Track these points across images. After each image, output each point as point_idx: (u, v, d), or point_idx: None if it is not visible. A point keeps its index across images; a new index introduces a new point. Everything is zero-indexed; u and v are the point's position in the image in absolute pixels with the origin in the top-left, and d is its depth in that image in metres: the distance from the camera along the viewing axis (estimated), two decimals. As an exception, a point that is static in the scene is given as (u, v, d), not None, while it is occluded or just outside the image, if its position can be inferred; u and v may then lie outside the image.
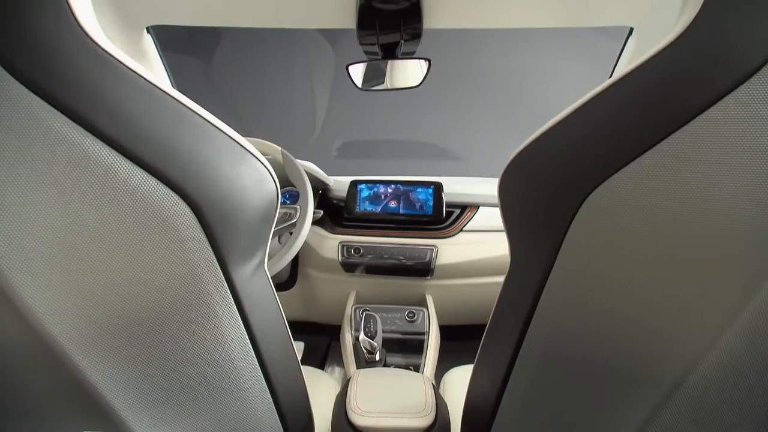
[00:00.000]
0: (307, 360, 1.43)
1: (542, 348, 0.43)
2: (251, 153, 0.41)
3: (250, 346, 0.44)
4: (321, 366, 1.44)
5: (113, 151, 0.33)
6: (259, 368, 0.46)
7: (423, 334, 1.04)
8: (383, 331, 1.00)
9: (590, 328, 0.39)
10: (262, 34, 1.66)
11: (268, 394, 0.48)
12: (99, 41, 0.33)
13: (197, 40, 1.70)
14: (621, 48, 1.06)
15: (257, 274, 0.45)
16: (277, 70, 1.73)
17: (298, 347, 1.45)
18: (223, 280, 0.40)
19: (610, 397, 0.42)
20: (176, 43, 1.59)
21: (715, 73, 0.29)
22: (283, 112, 1.81)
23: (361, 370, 0.76)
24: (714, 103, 0.29)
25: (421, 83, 0.98)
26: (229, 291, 0.41)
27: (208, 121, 0.38)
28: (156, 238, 0.36)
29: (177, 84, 1.17)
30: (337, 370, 1.39)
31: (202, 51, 1.70)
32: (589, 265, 0.37)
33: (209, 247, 0.38)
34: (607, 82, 0.34)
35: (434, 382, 1.03)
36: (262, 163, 0.42)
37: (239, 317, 0.42)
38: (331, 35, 1.61)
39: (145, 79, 0.35)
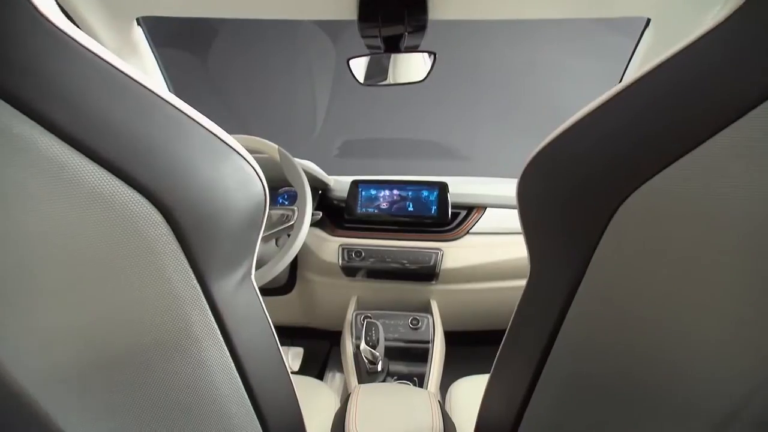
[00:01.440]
0: (306, 366, 1.40)
1: (568, 369, 0.38)
2: (235, 150, 0.36)
3: (234, 369, 0.39)
4: (321, 372, 1.41)
5: (65, 146, 0.28)
6: (245, 393, 0.41)
7: (427, 342, 1.00)
8: (386, 339, 0.96)
9: (626, 349, 0.34)
10: (260, 27, 1.62)
11: (257, 421, 0.43)
12: (50, 17, 0.28)
13: (193, 36, 1.66)
14: (636, 41, 1.01)
15: (243, 286, 0.40)
16: (275, 65, 1.69)
17: (297, 353, 1.41)
18: (201, 294, 0.35)
19: (648, 431, 0.37)
20: (171, 38, 1.55)
21: None
22: (283, 109, 1.78)
23: (362, 385, 0.71)
24: None
25: (425, 78, 0.94)
26: (208, 307, 0.36)
27: (185, 113, 0.33)
28: (119, 249, 0.31)
29: (172, 80, 1.15)
30: (338, 376, 1.35)
31: (198, 47, 1.66)
32: (626, 278, 0.32)
33: (184, 258, 0.33)
34: (648, 66, 0.29)
35: (440, 396, 0.98)
36: (248, 162, 0.37)
37: (221, 336, 0.37)
38: (331, 28, 1.57)
39: (108, 63, 0.30)
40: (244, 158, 0.37)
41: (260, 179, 0.38)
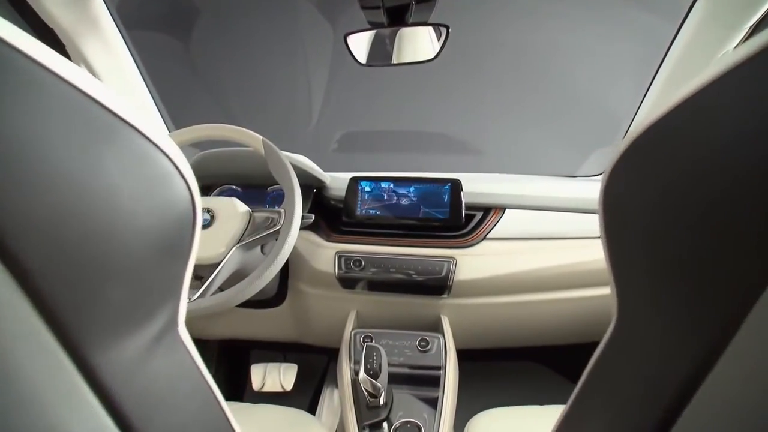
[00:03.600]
0: (301, 383, 1.28)
1: None
2: (133, 127, 0.21)
3: None
4: (318, 389, 1.29)
5: None
6: None
7: (438, 368, 0.87)
8: (389, 365, 0.82)
9: None
10: (247, 5, 1.49)
11: None
12: None
13: (172, 17, 1.54)
14: (683, 17, 0.88)
15: (160, 348, 0.25)
16: (266, 48, 1.58)
17: (290, 369, 1.29)
18: (77, 375, 0.21)
19: None
20: (147, 20, 1.44)
21: None
22: (274, 98, 1.67)
23: None
24: None
25: (436, 56, 0.82)
26: (92, 394, 0.22)
27: (29, 56, 0.18)
28: None
29: (147, 66, 1.03)
30: (336, 393, 1.24)
31: (177, 28, 1.54)
32: None
33: (35, 316, 0.19)
34: None
35: None
36: (160, 149, 0.22)
37: None
38: (329, 8, 1.44)
39: None
40: (153, 143, 0.22)
41: (184, 178, 0.24)
